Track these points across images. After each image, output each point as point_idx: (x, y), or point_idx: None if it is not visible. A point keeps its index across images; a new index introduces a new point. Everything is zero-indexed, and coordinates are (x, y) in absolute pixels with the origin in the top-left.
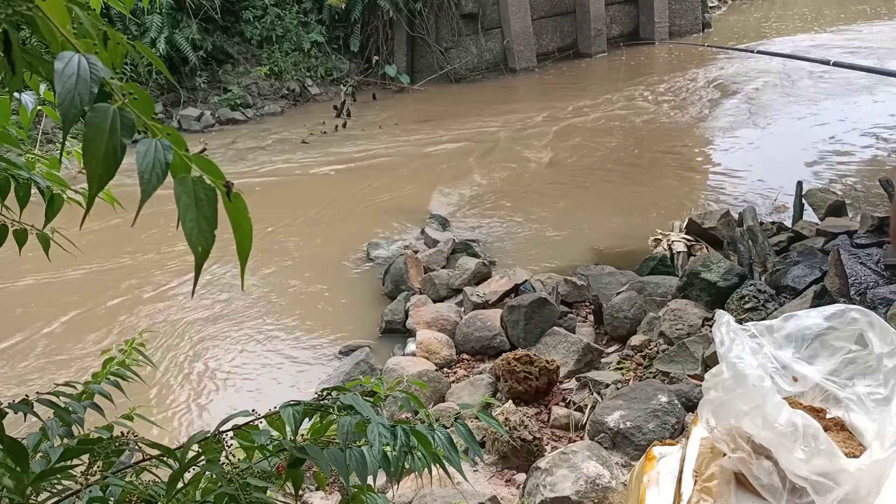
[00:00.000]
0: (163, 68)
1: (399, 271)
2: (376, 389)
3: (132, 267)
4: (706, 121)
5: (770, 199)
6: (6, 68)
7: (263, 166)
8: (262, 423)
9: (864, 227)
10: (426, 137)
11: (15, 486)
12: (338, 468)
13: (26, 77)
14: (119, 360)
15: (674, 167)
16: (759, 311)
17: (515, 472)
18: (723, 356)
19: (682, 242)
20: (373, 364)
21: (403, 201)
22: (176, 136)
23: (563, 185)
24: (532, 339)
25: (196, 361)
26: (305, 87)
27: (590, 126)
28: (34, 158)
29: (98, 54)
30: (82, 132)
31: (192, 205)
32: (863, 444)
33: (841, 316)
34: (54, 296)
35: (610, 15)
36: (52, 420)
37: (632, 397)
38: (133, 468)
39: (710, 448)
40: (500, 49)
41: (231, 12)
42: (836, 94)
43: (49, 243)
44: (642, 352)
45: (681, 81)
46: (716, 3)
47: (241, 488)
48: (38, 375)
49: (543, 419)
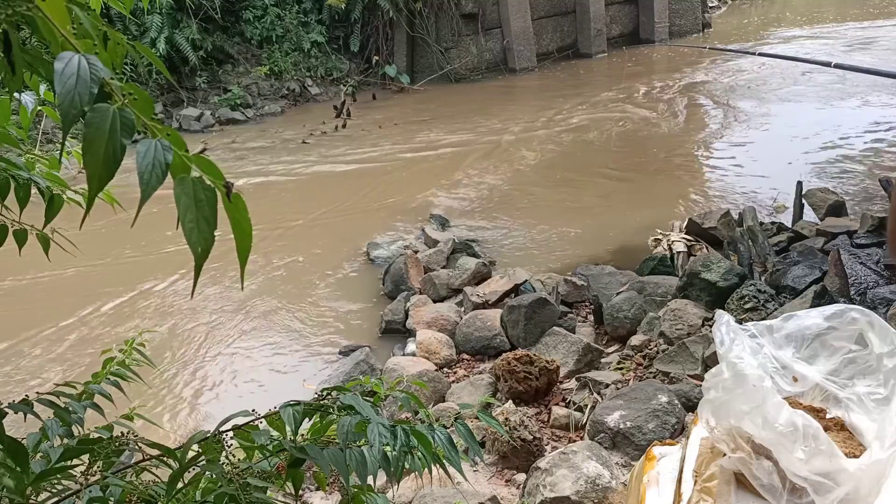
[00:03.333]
0: (162, 68)
1: (399, 271)
2: (376, 389)
3: (132, 267)
4: (706, 121)
5: (770, 199)
6: (6, 69)
7: (263, 167)
8: (262, 423)
9: (864, 227)
10: (426, 137)
11: (15, 486)
12: (338, 468)
13: (26, 77)
14: (119, 360)
15: (674, 167)
16: (759, 311)
17: (515, 472)
18: (723, 356)
19: (682, 242)
20: (373, 364)
21: (403, 201)
22: (176, 137)
23: (563, 185)
24: (532, 339)
25: (196, 361)
26: (305, 87)
27: (590, 126)
28: (34, 158)
29: (98, 55)
30: (82, 132)
31: (192, 205)
32: (863, 444)
33: (841, 316)
34: (54, 296)
35: (610, 15)
36: (52, 420)
37: (632, 397)
38: (133, 468)
39: (710, 448)
40: (500, 49)
41: (231, 12)
42: (837, 94)
43: (49, 243)
44: (642, 352)
45: (681, 82)
46: (716, 3)
47: (241, 488)
48: (39, 375)
49: (543, 419)
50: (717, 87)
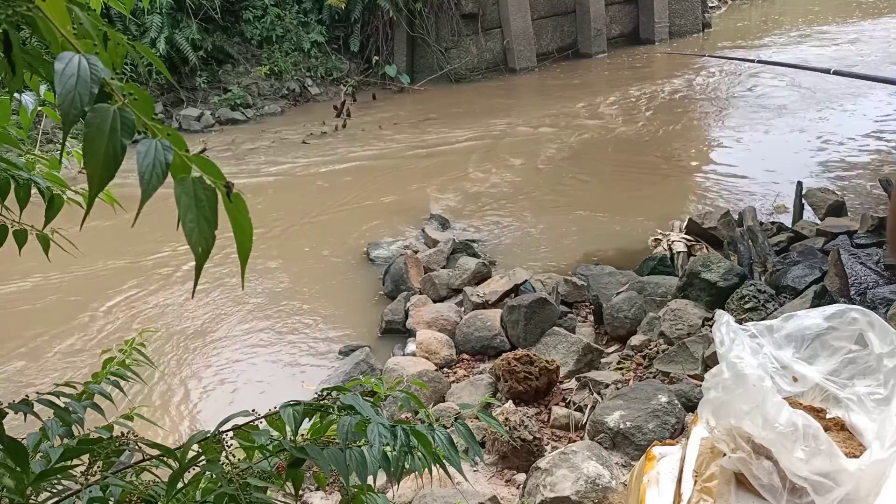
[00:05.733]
0: (163, 68)
1: (399, 271)
2: (376, 389)
3: (132, 267)
4: (706, 121)
5: (770, 199)
6: (6, 69)
7: (263, 166)
8: (262, 423)
9: (864, 227)
10: (426, 137)
11: (15, 486)
12: (338, 468)
13: (26, 77)
14: (119, 360)
15: (674, 167)
16: (759, 311)
17: (515, 472)
18: (723, 356)
19: (682, 242)
20: (373, 364)
21: (403, 201)
22: (176, 137)
23: (563, 184)
24: (532, 339)
25: (196, 361)
26: (305, 87)
27: (589, 126)
28: (34, 159)
29: (98, 55)
30: (82, 132)
31: (193, 205)
32: (863, 444)
33: (841, 316)
34: (54, 296)
35: (610, 15)
36: (52, 420)
37: (632, 397)
38: (133, 468)
39: (710, 448)
40: (500, 49)
41: (231, 12)
42: (837, 95)
43: (49, 244)
44: (642, 352)
45: (680, 82)
46: (716, 3)
47: (241, 488)
48: (39, 375)
49: (543, 419)
50: (717, 88)
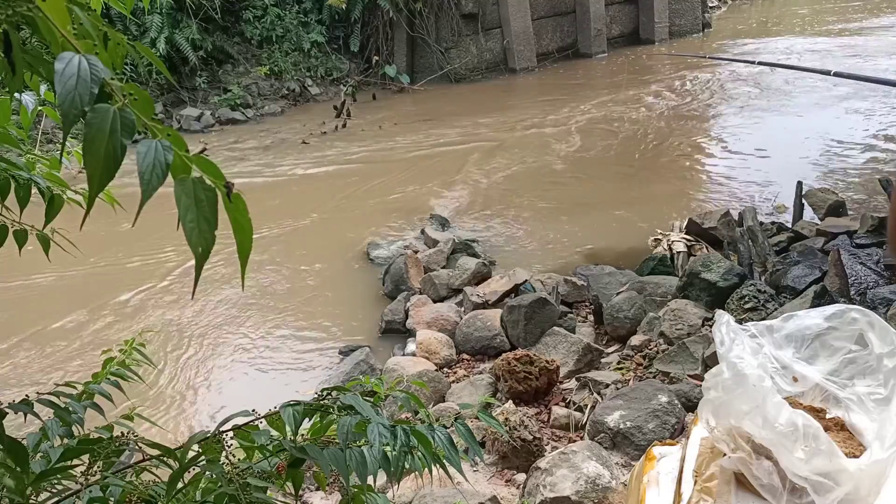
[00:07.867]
0: (163, 69)
1: (399, 271)
2: (376, 389)
3: (132, 267)
4: (706, 121)
5: (770, 199)
6: (6, 69)
7: (263, 167)
8: (262, 423)
9: (864, 227)
10: (426, 137)
11: (15, 486)
12: (338, 468)
13: (27, 77)
14: (119, 360)
15: (674, 167)
16: (759, 311)
17: (515, 472)
18: (723, 356)
19: (682, 242)
20: (373, 364)
21: (403, 201)
22: (176, 137)
23: (563, 185)
24: (532, 339)
25: (196, 362)
26: (305, 87)
27: (589, 126)
28: (34, 159)
29: (98, 55)
30: (82, 132)
31: (193, 205)
32: (863, 444)
33: (841, 316)
34: (54, 296)
35: (610, 15)
36: (52, 420)
37: (632, 397)
38: (133, 468)
39: (710, 448)
40: (500, 49)
41: (231, 12)
42: (837, 96)
43: (49, 244)
44: (642, 352)
45: (680, 82)
46: (716, 3)
47: (241, 488)
48: (39, 375)
49: (543, 419)
50: (717, 88)
